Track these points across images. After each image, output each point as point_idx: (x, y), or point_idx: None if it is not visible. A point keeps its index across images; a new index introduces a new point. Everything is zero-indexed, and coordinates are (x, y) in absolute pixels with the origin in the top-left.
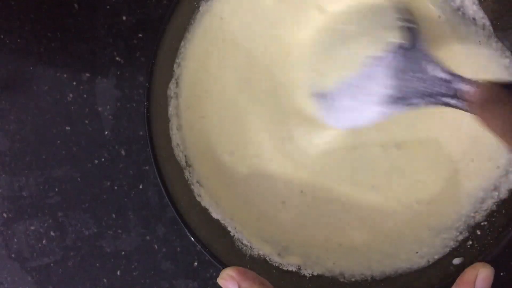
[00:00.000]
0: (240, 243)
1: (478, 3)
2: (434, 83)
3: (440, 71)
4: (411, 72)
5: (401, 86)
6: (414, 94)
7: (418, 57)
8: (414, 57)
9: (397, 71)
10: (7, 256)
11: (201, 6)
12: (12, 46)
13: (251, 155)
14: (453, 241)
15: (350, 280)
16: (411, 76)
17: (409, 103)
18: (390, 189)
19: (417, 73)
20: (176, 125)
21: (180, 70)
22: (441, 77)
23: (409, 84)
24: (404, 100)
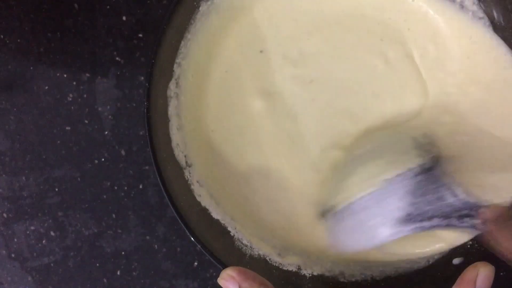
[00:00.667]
0: (240, 243)
1: (478, 3)
2: (451, 205)
3: (456, 194)
4: (428, 193)
5: (417, 205)
6: (429, 214)
7: (436, 179)
8: (432, 179)
9: (413, 191)
10: (7, 256)
11: (201, 6)
12: (12, 46)
13: (251, 155)
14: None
15: (350, 280)
16: (427, 196)
17: (423, 224)
18: None
19: (430, 195)
20: (176, 125)
21: (180, 70)
22: (458, 199)
23: (425, 203)
24: (419, 220)
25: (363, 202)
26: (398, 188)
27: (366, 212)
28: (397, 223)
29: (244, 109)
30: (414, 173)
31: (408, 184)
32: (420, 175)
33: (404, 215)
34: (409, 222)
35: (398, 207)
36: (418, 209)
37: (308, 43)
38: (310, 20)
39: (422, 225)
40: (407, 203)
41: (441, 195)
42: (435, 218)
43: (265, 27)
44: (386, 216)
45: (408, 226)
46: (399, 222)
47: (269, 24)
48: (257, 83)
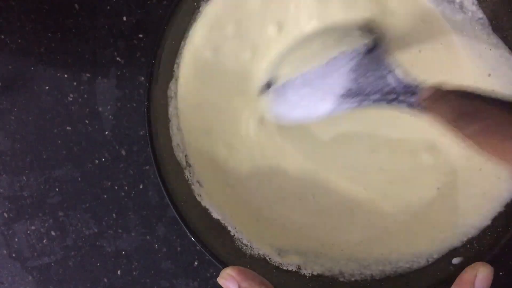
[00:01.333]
0: (240, 243)
1: (477, 3)
2: (390, 85)
3: (396, 74)
4: (369, 73)
5: (358, 83)
6: (369, 92)
7: (378, 60)
8: (374, 59)
9: (355, 69)
10: (8, 255)
11: (201, 6)
12: (12, 46)
13: (252, 154)
14: (453, 241)
15: (350, 280)
16: (369, 76)
17: (363, 99)
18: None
19: (372, 74)
20: (176, 125)
21: (180, 70)
22: (396, 79)
23: (366, 82)
24: (358, 97)
25: (306, 77)
26: (340, 66)
27: (309, 87)
28: (337, 98)
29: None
30: (357, 52)
31: (350, 63)
32: (363, 55)
33: (345, 91)
34: (349, 97)
35: (339, 84)
36: (359, 87)
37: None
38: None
39: (362, 102)
40: (349, 80)
41: (381, 74)
42: (374, 95)
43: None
44: (327, 92)
45: (348, 101)
46: (340, 97)
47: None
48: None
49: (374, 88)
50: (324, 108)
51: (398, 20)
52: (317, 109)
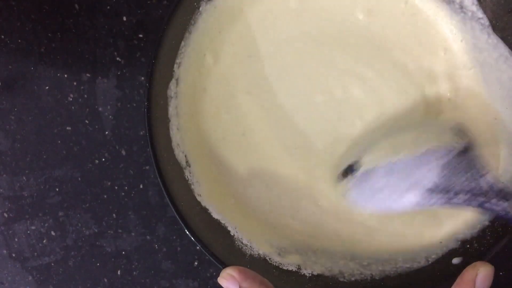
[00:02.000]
0: (240, 243)
1: (478, 3)
2: (482, 189)
3: (489, 181)
4: (461, 173)
5: (447, 180)
6: (458, 190)
7: (471, 162)
8: (466, 161)
9: (446, 166)
10: (8, 255)
11: (201, 6)
12: (12, 46)
13: (252, 154)
14: (453, 241)
15: (350, 280)
16: (460, 176)
17: (451, 199)
18: None
19: (467, 175)
20: (176, 125)
21: (180, 70)
22: (490, 185)
23: (456, 181)
24: (446, 194)
25: (393, 167)
26: (431, 160)
27: (394, 176)
28: (424, 192)
29: (239, 111)
30: (449, 150)
31: (441, 160)
32: (455, 155)
33: (432, 186)
34: (435, 193)
35: (428, 178)
36: (448, 184)
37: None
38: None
39: (450, 200)
40: (438, 176)
41: (472, 176)
42: (463, 194)
43: (258, 30)
44: (414, 184)
45: (434, 196)
46: (426, 191)
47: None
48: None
49: (463, 188)
50: (408, 200)
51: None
52: (401, 200)
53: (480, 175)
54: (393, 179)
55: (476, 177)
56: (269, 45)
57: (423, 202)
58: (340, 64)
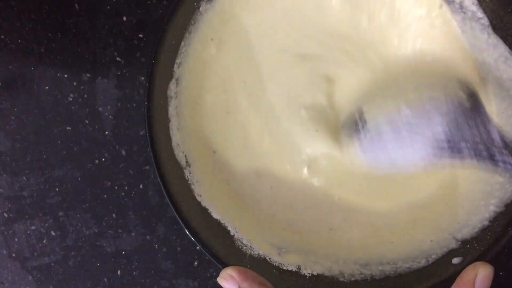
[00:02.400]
0: (240, 243)
1: (478, 3)
2: (487, 141)
3: (494, 131)
4: (466, 125)
5: (453, 133)
6: (464, 144)
7: (476, 113)
8: (472, 112)
9: (453, 121)
10: (8, 255)
11: (201, 6)
12: (13, 46)
13: (251, 154)
14: (453, 241)
15: (350, 280)
16: (466, 128)
17: (455, 152)
18: (390, 189)
19: (472, 127)
20: (176, 125)
21: (180, 70)
22: (494, 136)
23: (461, 133)
24: (452, 148)
25: (403, 122)
26: (438, 114)
27: (405, 132)
28: (434, 147)
29: (240, 111)
30: (456, 103)
31: (449, 113)
32: (462, 108)
33: (444, 139)
34: (445, 148)
35: (437, 132)
36: (456, 137)
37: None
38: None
39: (458, 152)
40: (446, 130)
41: (480, 129)
42: (471, 148)
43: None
44: (425, 138)
45: (444, 151)
46: (437, 146)
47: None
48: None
49: (472, 140)
50: (418, 156)
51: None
52: (411, 156)
53: (488, 127)
54: (401, 136)
55: (484, 129)
56: (268, 46)
57: (433, 157)
58: (333, 54)
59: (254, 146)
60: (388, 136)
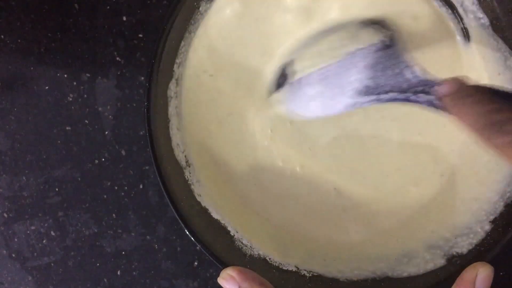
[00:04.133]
0: (240, 243)
1: (478, 3)
2: (406, 81)
3: (412, 71)
4: (383, 69)
5: (375, 79)
6: (387, 88)
7: (395, 56)
8: (392, 55)
9: (373, 65)
10: (7, 255)
11: (201, 6)
12: (12, 46)
13: (251, 154)
14: (453, 241)
15: (350, 280)
16: (386, 71)
17: (380, 96)
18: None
19: (389, 70)
20: (176, 125)
21: (180, 70)
22: (413, 76)
23: (384, 78)
24: (376, 93)
25: (324, 72)
26: (358, 61)
27: (326, 82)
28: (355, 94)
29: (240, 111)
30: (375, 48)
31: (368, 59)
32: (380, 51)
33: (363, 87)
34: (366, 94)
35: (357, 79)
36: (376, 83)
37: None
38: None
39: (379, 98)
40: (366, 76)
41: (399, 70)
42: (392, 92)
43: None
44: (345, 87)
45: (365, 98)
46: (357, 93)
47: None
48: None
49: (391, 85)
50: (341, 104)
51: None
52: (334, 105)
53: (405, 67)
54: (323, 85)
55: (402, 70)
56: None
57: (355, 103)
58: None
59: (255, 146)
60: (315, 88)
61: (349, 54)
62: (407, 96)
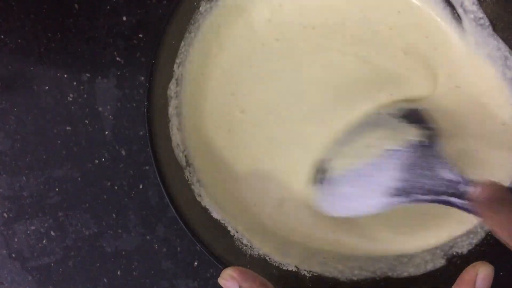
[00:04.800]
0: (240, 243)
1: (478, 3)
2: (441, 183)
3: (447, 172)
4: (419, 169)
5: (408, 181)
6: (419, 190)
7: (429, 155)
8: (425, 154)
9: (407, 166)
10: (7, 255)
11: (201, 6)
12: (12, 46)
13: (251, 154)
14: (453, 241)
15: (350, 280)
16: (419, 173)
17: (412, 198)
18: None
19: (425, 170)
20: (176, 125)
21: (180, 70)
22: (448, 178)
23: (416, 179)
24: (408, 195)
25: (362, 170)
26: (396, 159)
27: (363, 180)
28: (388, 196)
29: (240, 111)
30: (413, 147)
31: (406, 157)
32: (419, 150)
33: (399, 187)
34: (398, 195)
35: (394, 179)
36: (410, 185)
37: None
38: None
39: (411, 199)
40: (403, 176)
41: (435, 173)
42: (425, 195)
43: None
44: (381, 186)
45: (397, 199)
46: (390, 195)
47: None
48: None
49: (424, 187)
50: (372, 205)
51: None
52: (365, 205)
53: (439, 170)
54: (356, 186)
55: (436, 173)
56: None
57: (388, 205)
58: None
59: (255, 146)
60: (345, 188)
61: (388, 151)
62: (442, 198)
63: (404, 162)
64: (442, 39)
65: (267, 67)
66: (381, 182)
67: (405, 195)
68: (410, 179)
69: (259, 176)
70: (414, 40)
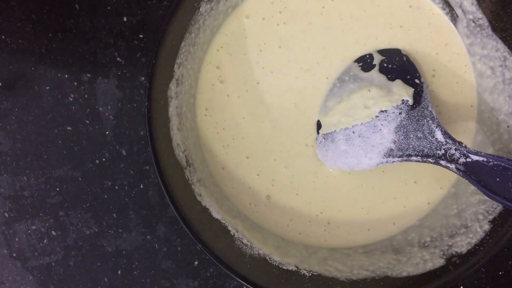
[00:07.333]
0: (240, 243)
1: (477, 4)
2: (431, 144)
3: (439, 133)
4: (412, 130)
5: (401, 142)
6: (412, 151)
7: (421, 117)
8: (417, 116)
9: (400, 127)
10: (8, 255)
11: (201, 6)
12: (13, 46)
13: (251, 154)
14: (453, 242)
15: (350, 280)
16: (412, 134)
17: (405, 158)
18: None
19: (418, 132)
20: (177, 125)
21: (181, 70)
22: (439, 139)
23: (408, 141)
24: (401, 155)
25: (359, 130)
26: (385, 124)
27: (350, 142)
28: (383, 155)
29: (239, 111)
30: (406, 108)
31: (392, 123)
32: (412, 111)
33: (386, 151)
34: (390, 156)
35: (388, 140)
36: (399, 147)
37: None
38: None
39: (406, 158)
40: (397, 137)
41: (428, 133)
42: (415, 156)
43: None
44: (373, 148)
45: (389, 159)
46: (381, 155)
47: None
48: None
49: (414, 149)
50: (368, 163)
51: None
52: (362, 163)
53: (431, 131)
54: (352, 146)
55: (427, 134)
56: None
57: (382, 163)
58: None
59: (254, 146)
60: (342, 146)
61: (384, 113)
62: (431, 158)
63: (398, 124)
64: (442, 39)
65: (267, 67)
66: (376, 143)
67: (399, 155)
68: (404, 140)
69: (259, 176)
70: (414, 40)
